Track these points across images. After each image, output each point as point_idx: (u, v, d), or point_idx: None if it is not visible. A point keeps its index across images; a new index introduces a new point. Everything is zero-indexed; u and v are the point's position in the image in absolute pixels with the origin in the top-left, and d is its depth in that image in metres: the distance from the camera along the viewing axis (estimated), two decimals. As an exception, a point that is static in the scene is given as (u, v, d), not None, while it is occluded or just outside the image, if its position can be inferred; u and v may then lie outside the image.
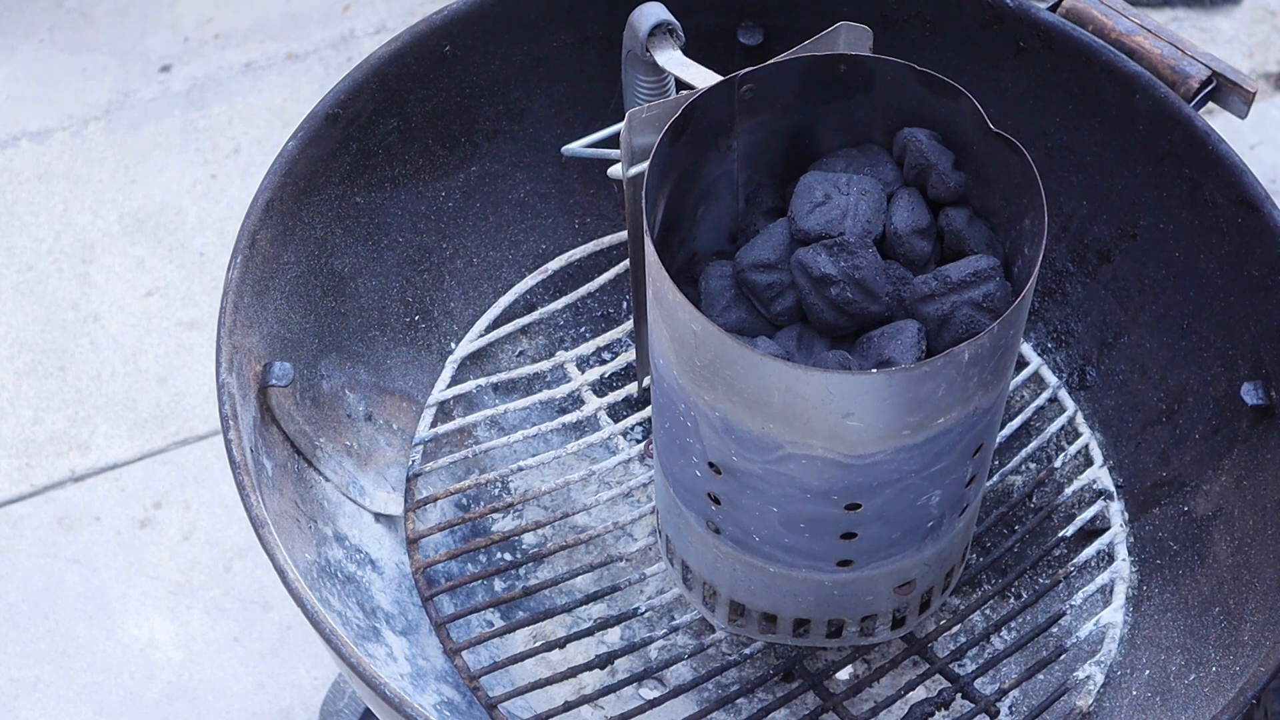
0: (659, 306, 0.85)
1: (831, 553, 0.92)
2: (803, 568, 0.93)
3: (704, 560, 0.98)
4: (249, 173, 1.78)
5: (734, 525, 0.92)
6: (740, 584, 0.97)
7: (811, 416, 0.81)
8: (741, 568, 0.96)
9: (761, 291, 0.90)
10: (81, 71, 1.89)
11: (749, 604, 0.99)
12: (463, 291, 1.19)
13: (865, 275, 0.88)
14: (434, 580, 1.09)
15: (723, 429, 0.85)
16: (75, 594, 1.51)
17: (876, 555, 0.93)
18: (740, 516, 0.91)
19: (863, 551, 0.93)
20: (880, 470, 0.85)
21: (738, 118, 0.91)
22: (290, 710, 1.45)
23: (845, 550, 0.92)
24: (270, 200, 1.02)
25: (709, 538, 0.95)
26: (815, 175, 0.91)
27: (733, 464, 0.87)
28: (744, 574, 0.96)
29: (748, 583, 0.97)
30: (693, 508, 0.94)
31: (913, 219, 0.90)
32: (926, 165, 0.90)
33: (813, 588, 0.96)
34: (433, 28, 1.09)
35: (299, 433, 1.04)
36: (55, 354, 1.66)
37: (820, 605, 0.98)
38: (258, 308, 1.01)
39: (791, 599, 0.97)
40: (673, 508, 0.98)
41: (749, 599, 0.99)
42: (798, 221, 0.90)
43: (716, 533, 0.94)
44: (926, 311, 0.88)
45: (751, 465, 0.86)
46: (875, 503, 0.87)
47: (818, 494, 0.86)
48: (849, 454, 0.83)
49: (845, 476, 0.85)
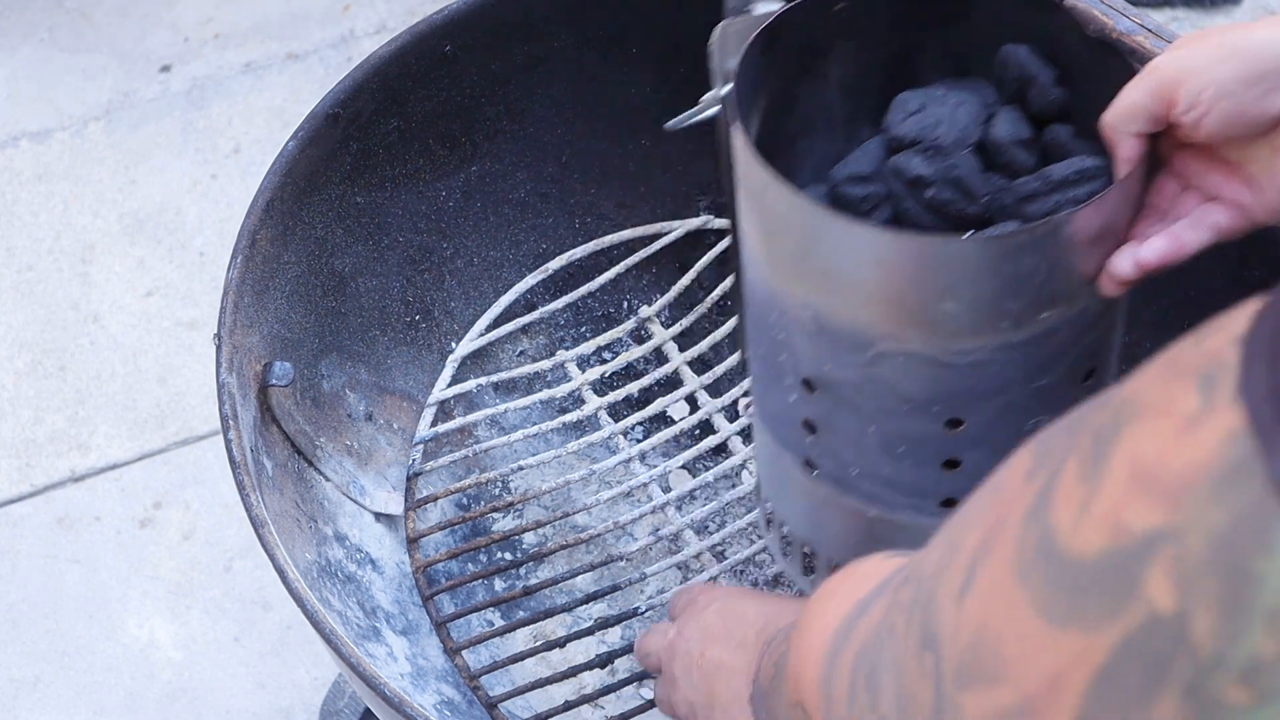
0: (749, 201, 0.81)
1: (935, 486, 0.85)
2: (904, 509, 0.86)
3: (802, 515, 0.92)
4: (249, 173, 1.78)
5: (831, 457, 0.86)
6: (839, 539, 0.91)
7: (905, 298, 0.76)
8: (840, 517, 0.89)
9: (857, 204, 0.85)
10: (81, 71, 1.89)
11: (839, 557, 0.92)
12: (463, 291, 1.19)
13: (962, 174, 0.83)
14: (434, 579, 1.09)
15: (815, 330, 0.80)
16: (75, 594, 1.51)
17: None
18: (837, 445, 0.85)
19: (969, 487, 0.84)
20: (982, 374, 0.78)
21: (833, 40, 0.87)
22: (290, 710, 1.45)
23: (949, 484, 0.84)
24: (270, 200, 1.02)
25: (806, 481, 0.89)
26: (911, 91, 0.87)
27: (826, 375, 0.82)
28: (843, 525, 0.89)
29: (847, 535, 0.90)
30: (789, 445, 0.89)
31: (1014, 130, 0.85)
32: (1028, 79, 0.85)
33: (913, 535, 0.87)
34: (433, 28, 1.09)
35: (299, 432, 1.04)
36: (55, 354, 1.66)
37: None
38: (258, 308, 1.01)
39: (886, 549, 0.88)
40: (771, 458, 0.92)
41: (840, 551, 0.91)
42: (892, 129, 0.85)
43: (813, 470, 0.88)
44: (1029, 211, 0.82)
45: (845, 373, 0.81)
46: (978, 419, 0.81)
47: (917, 404, 0.80)
48: (947, 349, 0.77)
49: (944, 380, 0.79)
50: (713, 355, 1.21)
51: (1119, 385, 0.35)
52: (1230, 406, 0.30)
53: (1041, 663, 0.34)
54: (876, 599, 0.47)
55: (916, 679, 0.39)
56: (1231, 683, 0.29)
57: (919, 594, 0.40)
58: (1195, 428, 0.31)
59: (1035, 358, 0.79)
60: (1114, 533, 0.32)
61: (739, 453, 1.14)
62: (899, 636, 0.40)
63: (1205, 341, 0.33)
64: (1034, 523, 0.35)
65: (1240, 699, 0.29)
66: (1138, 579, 0.31)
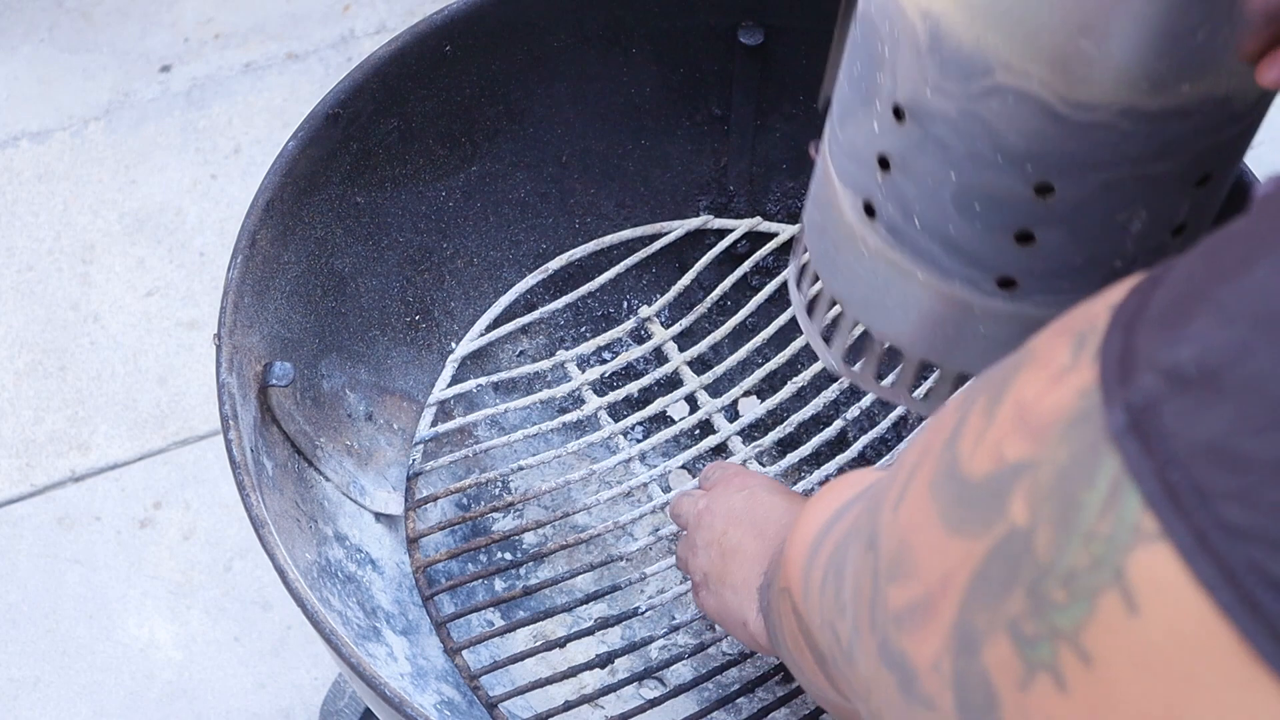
0: None
1: (998, 259, 0.78)
2: (957, 278, 0.80)
3: (841, 265, 0.85)
4: (249, 173, 1.78)
5: (895, 202, 0.80)
6: (874, 299, 0.84)
7: (1040, 23, 0.69)
8: (885, 271, 0.82)
9: None
10: (81, 71, 1.89)
11: (877, 329, 0.85)
12: (463, 291, 1.19)
13: None
14: (434, 579, 1.09)
15: (929, 46, 0.73)
16: (75, 594, 1.51)
17: (1047, 282, 0.79)
18: (907, 188, 0.79)
19: (1033, 270, 0.79)
20: (1094, 139, 0.72)
21: None
22: (290, 710, 1.45)
23: (1014, 260, 0.78)
24: (270, 200, 1.02)
25: (859, 227, 0.82)
26: None
27: (924, 103, 0.75)
28: (884, 283, 0.83)
29: (883, 297, 0.84)
30: (851, 183, 0.82)
31: None
32: None
33: (959, 314, 0.82)
34: (433, 28, 1.09)
35: (299, 432, 1.04)
36: (55, 354, 1.66)
37: (958, 346, 0.84)
38: (258, 308, 1.01)
39: (928, 328, 0.83)
40: (825, 200, 0.85)
41: (879, 321, 0.85)
42: None
43: (871, 217, 0.81)
44: None
45: (945, 104, 0.74)
46: (1071, 191, 0.74)
47: (1010, 158, 0.74)
48: (1068, 97, 0.70)
49: (1052, 135, 0.72)
50: (713, 355, 1.21)
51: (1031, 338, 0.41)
52: (1089, 364, 0.36)
53: (938, 563, 0.40)
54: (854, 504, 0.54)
55: (862, 573, 0.46)
56: (1056, 585, 0.35)
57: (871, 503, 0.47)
58: (1062, 378, 0.36)
59: (1158, 137, 0.72)
60: (995, 460, 0.38)
61: (739, 453, 1.14)
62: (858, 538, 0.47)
63: (1093, 305, 0.38)
64: (948, 449, 0.40)
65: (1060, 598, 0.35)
66: (1006, 499, 0.37)
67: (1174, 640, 0.32)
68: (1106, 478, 0.34)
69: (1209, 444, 0.32)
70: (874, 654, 0.44)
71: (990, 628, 0.37)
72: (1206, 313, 0.33)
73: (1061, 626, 0.35)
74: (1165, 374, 0.33)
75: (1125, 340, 0.35)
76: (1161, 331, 0.34)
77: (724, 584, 0.87)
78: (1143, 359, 0.34)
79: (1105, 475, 0.34)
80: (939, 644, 0.40)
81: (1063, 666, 0.35)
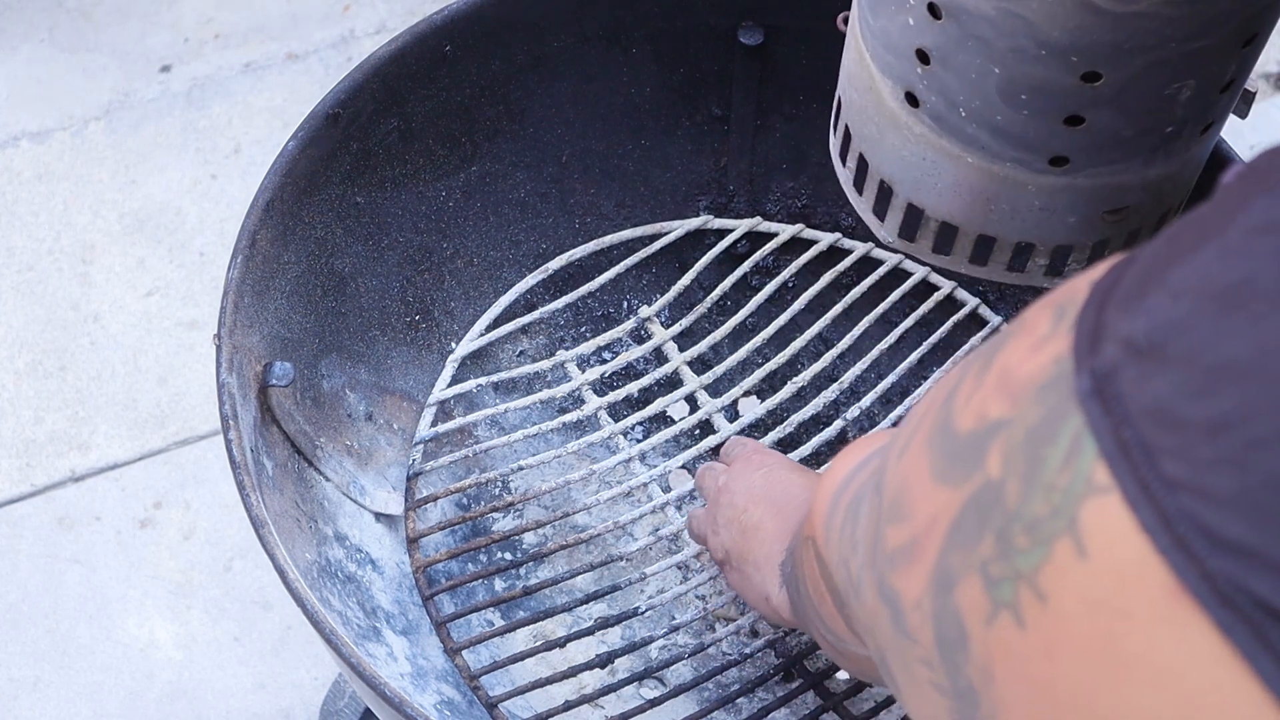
0: None
1: (1048, 141, 0.77)
2: (1008, 160, 0.79)
3: (888, 148, 0.83)
4: (249, 173, 1.78)
5: (939, 93, 0.78)
6: (925, 180, 0.82)
7: None
8: (932, 156, 0.81)
9: None
10: (81, 71, 1.89)
11: (930, 208, 0.84)
12: (463, 291, 1.19)
13: None
14: (434, 579, 1.09)
15: None
16: (75, 594, 1.51)
17: (1098, 156, 0.78)
18: (950, 80, 0.77)
19: (1084, 147, 0.77)
20: (1138, 27, 0.70)
21: None
22: (290, 710, 1.45)
23: (1065, 141, 0.77)
24: (270, 200, 1.02)
25: (903, 115, 0.80)
26: None
27: (960, 2, 0.73)
28: (933, 165, 0.81)
29: (934, 179, 0.82)
30: (890, 73, 0.80)
31: None
32: None
33: (1012, 192, 0.81)
34: (433, 28, 1.09)
35: (299, 432, 1.04)
36: (55, 354, 1.66)
37: (1014, 219, 0.82)
38: (258, 308, 1.01)
39: (982, 205, 0.82)
40: (863, 83, 0.83)
41: (932, 201, 0.83)
42: None
43: (914, 106, 0.79)
44: None
45: (983, 4, 0.72)
46: (1118, 75, 0.72)
47: (1054, 51, 0.72)
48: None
49: (1094, 28, 0.70)
50: (713, 355, 1.21)
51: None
52: (1065, 334, 0.39)
53: (925, 508, 0.43)
54: (873, 458, 0.58)
55: (870, 514, 0.49)
56: (1020, 531, 0.38)
57: (884, 455, 0.51)
58: (1041, 346, 0.40)
59: (1203, 15, 0.70)
60: (979, 418, 0.41)
61: (739, 453, 1.14)
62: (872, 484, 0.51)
63: (1077, 281, 0.41)
64: (945, 406, 0.44)
65: (1023, 543, 0.38)
66: (984, 453, 0.40)
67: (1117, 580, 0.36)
68: (1068, 436, 0.37)
69: (1155, 406, 0.35)
70: (874, 589, 0.47)
71: (964, 569, 0.41)
72: (1158, 290, 0.37)
73: (1022, 569, 0.38)
74: (1124, 344, 0.37)
75: (1097, 314, 0.38)
76: (1124, 306, 0.37)
77: (746, 560, 0.91)
78: (1109, 331, 0.37)
79: (1067, 434, 0.37)
80: (922, 583, 0.43)
81: (1022, 605, 0.38)
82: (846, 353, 1.17)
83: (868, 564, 0.49)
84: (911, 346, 1.16)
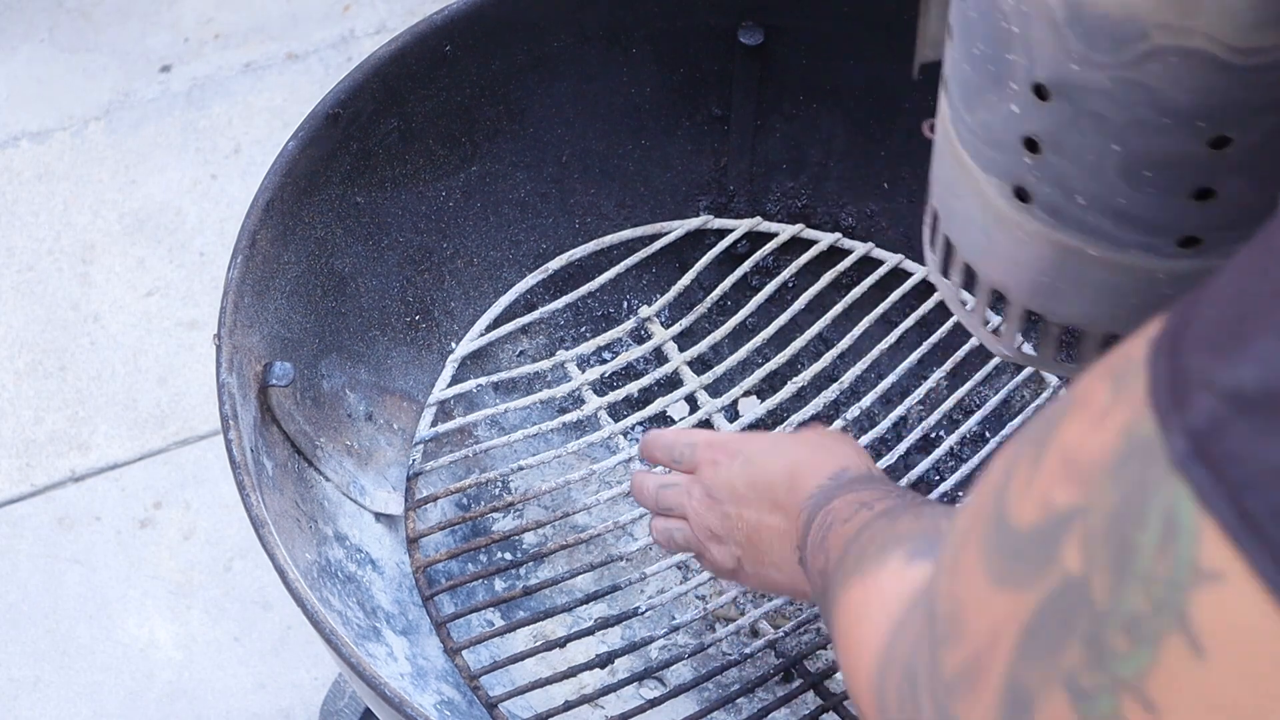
0: None
1: (1178, 221, 0.73)
2: (1134, 247, 0.74)
3: (997, 253, 0.79)
4: (249, 173, 1.78)
5: (1052, 184, 0.74)
6: (1044, 281, 0.78)
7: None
8: (1051, 254, 0.76)
9: None
10: (81, 71, 1.89)
11: (1050, 312, 0.80)
12: (463, 291, 1.19)
13: None
14: (434, 580, 1.09)
15: (1068, 19, 0.68)
16: (75, 594, 1.51)
17: (1231, 232, 0.74)
18: (1064, 167, 0.73)
19: (1217, 223, 0.73)
20: (1268, 80, 0.66)
21: None
22: (290, 710, 1.45)
23: (1195, 218, 0.72)
24: (270, 200, 1.02)
25: (1013, 213, 0.76)
26: None
27: (1070, 78, 0.69)
28: (1052, 263, 0.77)
29: (1054, 278, 0.77)
30: (995, 170, 0.76)
31: None
32: None
33: (1140, 281, 0.76)
34: (433, 28, 1.09)
35: (299, 432, 1.04)
36: (55, 354, 1.66)
37: (1145, 310, 0.77)
38: (258, 308, 1.01)
39: (1109, 299, 0.77)
40: (963, 187, 0.79)
41: (1051, 304, 0.79)
42: None
43: (1025, 201, 0.75)
44: None
45: (1096, 76, 0.68)
46: (1249, 138, 0.69)
47: (1179, 118, 0.68)
48: (1236, 44, 0.65)
49: (1221, 88, 0.67)
50: (713, 355, 1.21)
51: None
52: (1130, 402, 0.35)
53: (985, 620, 0.38)
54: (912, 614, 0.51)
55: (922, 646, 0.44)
56: (1117, 632, 0.34)
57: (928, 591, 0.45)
58: (1104, 420, 0.36)
59: None
60: (1043, 509, 0.37)
61: (739, 453, 1.14)
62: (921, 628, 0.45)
63: (1128, 345, 0.37)
64: (996, 504, 0.39)
65: (1122, 646, 0.34)
66: (1057, 547, 0.36)
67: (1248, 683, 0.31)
68: (1159, 515, 0.33)
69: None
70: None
71: (1043, 684, 0.36)
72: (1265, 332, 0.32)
73: (1124, 676, 0.34)
74: (1227, 396, 0.32)
75: (1172, 364, 0.34)
76: (1216, 352, 0.33)
77: (763, 564, 0.88)
78: (1196, 381, 0.33)
79: (1157, 513, 0.33)
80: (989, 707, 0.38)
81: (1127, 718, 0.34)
82: (846, 353, 1.17)
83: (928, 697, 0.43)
84: (911, 346, 1.16)
